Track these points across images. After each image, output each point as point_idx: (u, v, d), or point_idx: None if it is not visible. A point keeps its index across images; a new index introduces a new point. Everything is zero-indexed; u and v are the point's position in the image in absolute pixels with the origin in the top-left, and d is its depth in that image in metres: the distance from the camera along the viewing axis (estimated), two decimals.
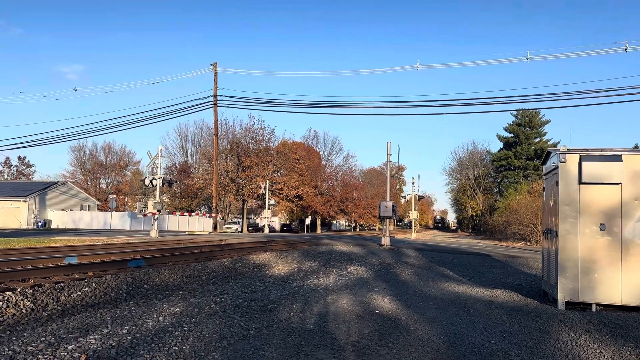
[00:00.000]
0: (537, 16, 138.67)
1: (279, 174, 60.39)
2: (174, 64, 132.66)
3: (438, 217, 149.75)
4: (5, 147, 76.59)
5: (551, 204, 8.49)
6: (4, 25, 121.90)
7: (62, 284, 7.59)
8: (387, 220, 20.42)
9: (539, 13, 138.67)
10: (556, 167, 8.03)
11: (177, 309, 6.86)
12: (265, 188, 52.04)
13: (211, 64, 38.93)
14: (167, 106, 60.50)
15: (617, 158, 7.62)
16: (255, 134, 56.02)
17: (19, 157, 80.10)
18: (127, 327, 5.67)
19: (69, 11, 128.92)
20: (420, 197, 76.63)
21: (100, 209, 62.34)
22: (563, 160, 7.83)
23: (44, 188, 53.00)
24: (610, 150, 7.79)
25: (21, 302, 6.43)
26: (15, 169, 79.57)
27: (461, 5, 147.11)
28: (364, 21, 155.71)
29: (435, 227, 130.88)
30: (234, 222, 61.56)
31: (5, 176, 77.16)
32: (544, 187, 9.44)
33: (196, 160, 68.98)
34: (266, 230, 50.23)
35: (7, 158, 78.03)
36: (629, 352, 5.44)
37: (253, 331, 5.92)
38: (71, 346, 4.82)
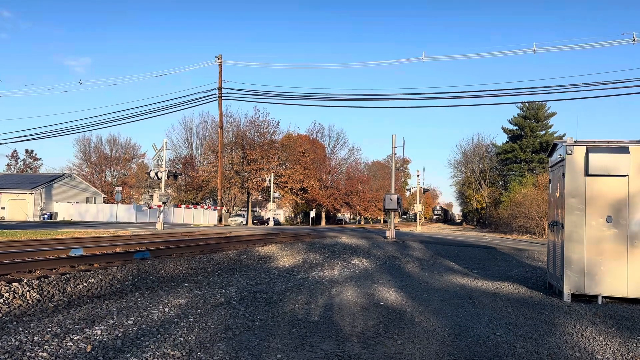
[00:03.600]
0: (543, 8, 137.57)
1: (283, 167, 60.35)
2: (179, 57, 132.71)
3: (438, 207, 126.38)
4: (11, 139, 76.95)
5: (557, 196, 8.45)
6: (11, 17, 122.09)
7: (68, 276, 7.63)
8: (392, 213, 20.40)
9: (545, 4, 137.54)
10: (562, 159, 7.98)
11: (183, 300, 6.89)
12: (270, 181, 52.05)
13: (216, 57, 38.97)
14: (172, 99, 60.49)
15: (624, 150, 7.56)
16: (260, 126, 56.01)
17: (27, 150, 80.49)
18: (132, 318, 5.69)
19: (74, 3, 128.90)
20: (425, 190, 76.22)
21: (106, 201, 62.64)
22: (570, 152, 7.78)
23: (50, 180, 53.26)
24: (618, 142, 7.73)
25: (27, 293, 6.47)
26: (22, 162, 79.92)
27: None
28: (369, 13, 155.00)
29: (437, 220, 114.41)
30: (239, 215, 61.69)
31: (12, 169, 77.51)
32: (550, 180, 9.39)
33: (201, 152, 69.03)
34: (271, 223, 50.31)
35: (15, 151, 78.39)
36: (635, 344, 5.41)
37: (258, 322, 5.93)
38: (77, 337, 4.85)
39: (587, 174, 7.66)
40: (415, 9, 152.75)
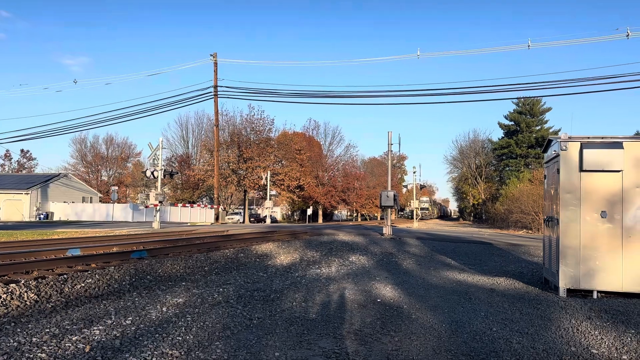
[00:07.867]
0: (538, 3, 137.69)
1: (280, 164, 60.29)
2: (173, 55, 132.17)
3: (424, 199, 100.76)
4: (6, 139, 76.57)
5: (552, 191, 8.50)
6: (10, 17, 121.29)
7: (65, 276, 7.63)
8: (389, 209, 20.44)
9: (540, 0, 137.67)
10: (557, 155, 8.03)
11: (181, 300, 6.91)
12: (266, 179, 52.03)
13: (211, 55, 38.93)
14: (168, 97, 60.48)
15: (618, 145, 7.61)
16: (255, 124, 55.91)
17: (22, 150, 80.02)
18: (130, 318, 5.71)
19: (71, 2, 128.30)
20: (422, 186, 75.89)
21: (102, 200, 62.43)
22: (564, 148, 7.82)
23: (45, 180, 53.06)
24: (611, 138, 7.78)
25: (25, 294, 6.47)
26: (16, 162, 79.53)
27: None
28: (364, 9, 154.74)
29: (423, 217, 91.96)
30: (236, 213, 61.66)
31: (7, 169, 77.15)
32: (545, 175, 9.45)
33: (197, 151, 68.90)
34: (268, 220, 50.31)
35: (7, 151, 77.88)
36: (629, 338, 5.46)
37: (256, 321, 5.96)
38: (75, 337, 4.86)
39: (581, 169, 7.71)
40: (409, 3, 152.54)
